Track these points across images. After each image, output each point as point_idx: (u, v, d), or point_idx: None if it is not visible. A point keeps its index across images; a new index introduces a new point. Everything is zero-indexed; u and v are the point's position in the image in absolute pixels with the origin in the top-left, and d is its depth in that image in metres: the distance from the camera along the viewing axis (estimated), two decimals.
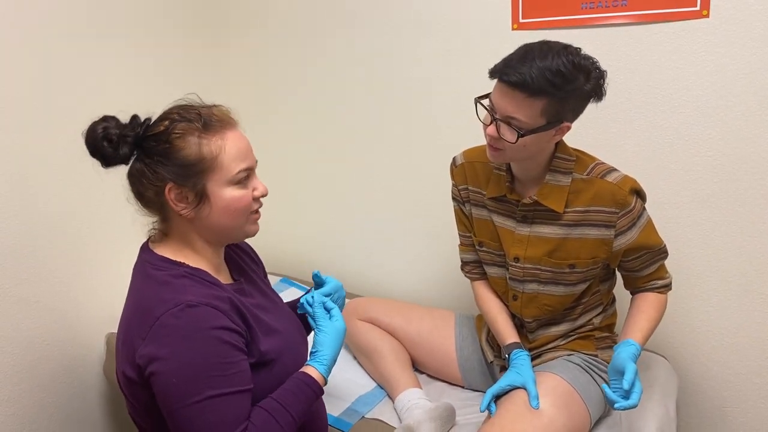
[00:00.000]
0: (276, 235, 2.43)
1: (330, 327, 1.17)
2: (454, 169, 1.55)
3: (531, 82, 1.16)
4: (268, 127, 2.34)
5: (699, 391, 1.74)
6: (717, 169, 1.58)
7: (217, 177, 1.06)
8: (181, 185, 1.04)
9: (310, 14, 2.13)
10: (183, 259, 1.09)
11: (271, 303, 1.25)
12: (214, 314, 1.00)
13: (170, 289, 1.02)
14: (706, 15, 1.51)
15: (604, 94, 1.25)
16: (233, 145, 1.07)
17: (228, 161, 1.06)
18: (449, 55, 1.88)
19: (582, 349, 1.47)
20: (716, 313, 1.67)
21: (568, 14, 1.65)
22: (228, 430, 0.98)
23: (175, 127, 1.04)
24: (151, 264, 1.09)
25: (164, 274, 1.06)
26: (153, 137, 1.05)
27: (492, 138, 1.28)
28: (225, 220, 1.09)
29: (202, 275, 1.08)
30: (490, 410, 1.36)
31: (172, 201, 1.05)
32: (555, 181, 1.36)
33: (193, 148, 1.04)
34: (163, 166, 1.04)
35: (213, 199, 1.06)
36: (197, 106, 1.09)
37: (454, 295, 2.06)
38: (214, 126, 1.07)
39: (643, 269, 1.42)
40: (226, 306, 1.04)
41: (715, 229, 1.62)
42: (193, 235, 1.11)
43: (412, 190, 2.08)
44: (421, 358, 1.70)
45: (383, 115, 2.07)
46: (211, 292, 1.04)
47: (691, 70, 1.56)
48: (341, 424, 1.52)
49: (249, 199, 1.11)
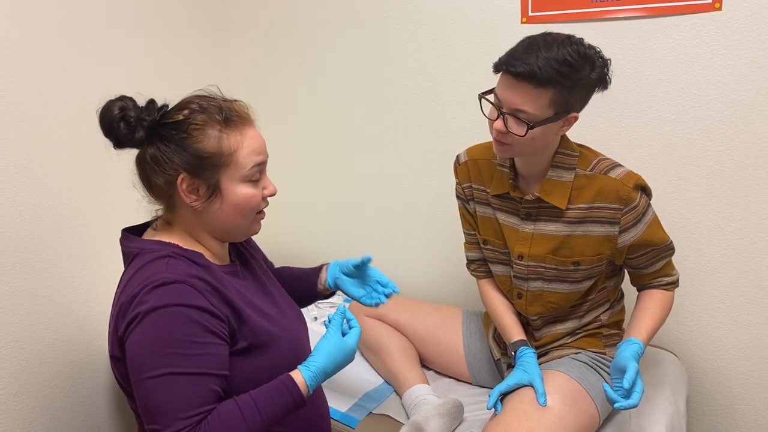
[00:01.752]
0: (284, 231, 2.43)
1: (335, 338, 1.11)
2: (457, 167, 1.54)
3: (539, 73, 1.15)
4: (277, 124, 2.34)
5: (709, 388, 1.73)
6: (728, 164, 1.57)
7: (232, 172, 1.05)
8: (195, 177, 1.03)
9: (320, 11, 2.12)
10: (179, 243, 1.07)
11: (269, 288, 1.23)
12: (188, 291, 0.98)
13: (152, 267, 1.00)
14: (718, 8, 1.49)
15: (609, 83, 1.25)
16: (251, 143, 1.06)
17: (244, 158, 1.05)
18: (457, 50, 1.86)
19: (590, 347, 1.46)
20: (727, 309, 1.66)
21: (579, 8, 1.63)
22: (183, 410, 0.94)
23: (196, 117, 1.03)
24: (140, 249, 1.06)
25: (151, 256, 1.03)
26: (171, 125, 1.03)
27: (499, 133, 1.26)
28: (233, 216, 1.08)
29: (191, 256, 1.05)
30: (496, 409, 1.35)
31: (183, 191, 1.03)
32: (558, 177, 1.34)
33: (211, 141, 1.03)
34: (179, 156, 1.02)
35: (225, 194, 1.05)
36: (218, 99, 1.08)
37: (461, 292, 2.05)
38: (234, 121, 1.06)
39: (648, 266, 1.40)
40: (204, 286, 1.01)
41: (726, 225, 1.61)
42: (198, 227, 1.09)
43: (420, 187, 2.07)
44: (429, 354, 1.70)
45: (391, 111, 2.06)
46: (191, 272, 1.01)
47: (702, 63, 1.54)
48: (348, 420, 1.51)
49: (259, 197, 1.10)
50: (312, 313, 2.05)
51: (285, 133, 2.33)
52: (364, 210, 2.24)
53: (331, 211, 2.33)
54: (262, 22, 2.26)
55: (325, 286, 1.39)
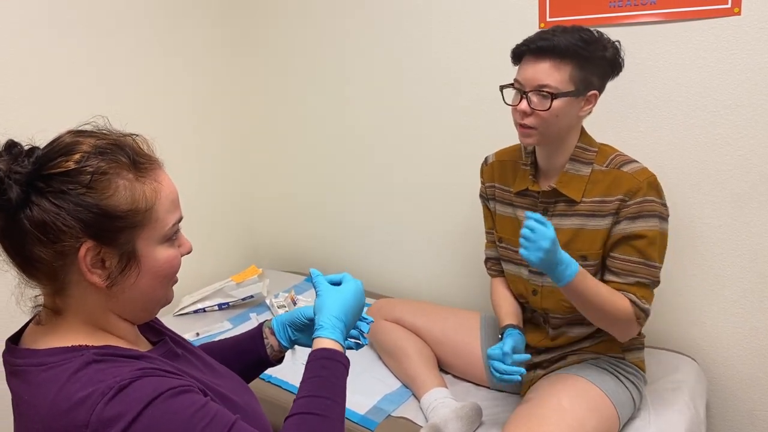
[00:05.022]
0: (300, 234, 2.45)
1: (328, 288, 0.97)
2: (484, 167, 1.60)
3: (559, 44, 1.26)
4: (292, 126, 2.36)
5: (728, 394, 1.72)
6: (748, 169, 1.56)
7: (150, 233, 0.80)
8: (104, 245, 0.76)
9: (334, 10, 2.14)
10: (87, 342, 0.79)
11: (207, 361, 0.99)
12: (157, 381, 0.74)
13: (81, 383, 0.72)
14: (737, 12, 1.49)
15: (622, 65, 1.34)
16: (168, 193, 0.82)
17: (163, 212, 0.81)
18: (475, 54, 1.87)
19: (608, 351, 1.46)
20: (746, 314, 1.65)
21: (597, 12, 1.64)
22: None
23: (93, 164, 0.75)
24: (35, 365, 0.76)
25: (63, 369, 0.74)
26: (59, 176, 0.74)
27: (524, 114, 1.32)
28: (153, 288, 0.83)
29: (115, 351, 0.78)
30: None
31: (86, 266, 0.76)
32: (575, 171, 1.38)
33: (122, 194, 0.77)
34: (78, 218, 0.74)
35: (142, 261, 0.80)
36: (114, 136, 0.81)
37: (479, 297, 2.05)
38: (143, 165, 0.80)
39: (622, 274, 1.33)
40: (162, 373, 0.77)
41: (745, 230, 1.60)
42: (102, 311, 0.81)
43: (437, 190, 2.08)
44: (446, 358, 1.70)
45: (408, 114, 2.07)
46: (140, 366, 0.76)
47: (721, 68, 1.54)
48: (367, 423, 1.52)
49: (180, 258, 0.86)
50: None
51: (298, 136, 2.35)
52: (381, 212, 2.25)
53: (346, 213, 2.34)
54: (277, 22, 2.29)
55: (279, 350, 1.10)
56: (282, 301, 2.09)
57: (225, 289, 2.12)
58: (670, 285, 1.70)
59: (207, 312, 2.12)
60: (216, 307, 2.13)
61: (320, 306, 0.95)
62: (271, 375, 1.69)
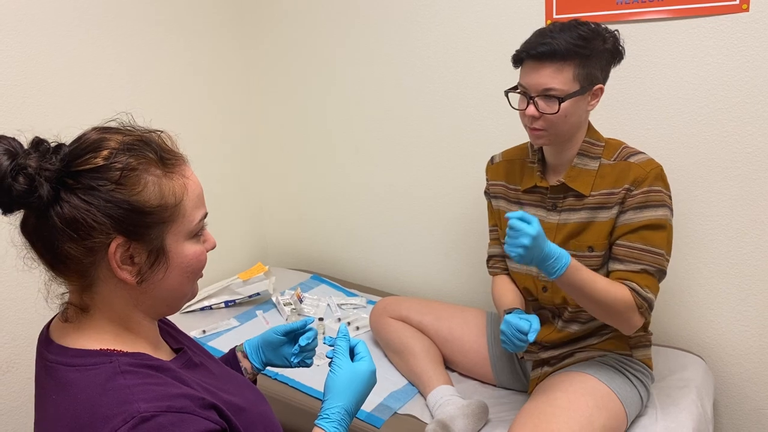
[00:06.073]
0: (306, 231, 2.46)
1: (346, 368, 0.93)
2: (490, 166, 1.60)
3: (559, 48, 1.25)
4: (300, 126, 2.36)
5: (735, 392, 1.71)
6: (756, 167, 1.55)
7: (178, 228, 0.81)
8: (134, 240, 0.77)
9: (339, 12, 2.13)
10: (114, 344, 0.79)
11: (218, 367, 0.98)
12: (178, 419, 0.73)
13: (107, 399, 0.72)
14: (745, 9, 1.48)
15: (623, 53, 1.35)
16: (195, 187, 0.84)
17: (191, 208, 0.82)
18: (481, 51, 1.87)
19: (616, 349, 1.46)
20: (754, 312, 1.64)
21: (604, 9, 1.63)
22: None
23: (122, 160, 0.76)
24: (65, 364, 0.77)
25: (92, 376, 0.75)
26: (88, 173, 0.74)
27: (532, 118, 1.32)
28: (180, 283, 0.84)
29: (142, 361, 0.79)
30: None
31: (116, 262, 0.76)
32: (583, 165, 1.39)
33: (152, 190, 0.77)
34: (109, 214, 0.74)
35: (171, 257, 0.81)
36: (140, 132, 0.82)
37: (485, 295, 2.05)
38: (170, 161, 0.81)
39: (627, 261, 1.33)
40: (189, 404, 0.76)
41: (753, 227, 1.59)
42: (129, 308, 0.82)
43: (444, 188, 2.08)
44: (453, 355, 1.70)
45: (414, 114, 2.07)
46: (166, 391, 0.75)
47: (730, 65, 1.53)
48: (373, 420, 1.52)
49: (206, 254, 0.87)
50: (336, 314, 2.06)
51: (305, 136, 2.35)
52: (387, 211, 2.25)
53: (353, 211, 2.34)
54: (282, 25, 2.29)
55: (252, 372, 1.12)
56: (288, 299, 2.09)
57: (231, 287, 2.13)
58: (678, 283, 1.70)
59: (213, 309, 2.13)
60: (222, 304, 2.13)
61: (333, 386, 0.92)
62: (278, 373, 1.70)
